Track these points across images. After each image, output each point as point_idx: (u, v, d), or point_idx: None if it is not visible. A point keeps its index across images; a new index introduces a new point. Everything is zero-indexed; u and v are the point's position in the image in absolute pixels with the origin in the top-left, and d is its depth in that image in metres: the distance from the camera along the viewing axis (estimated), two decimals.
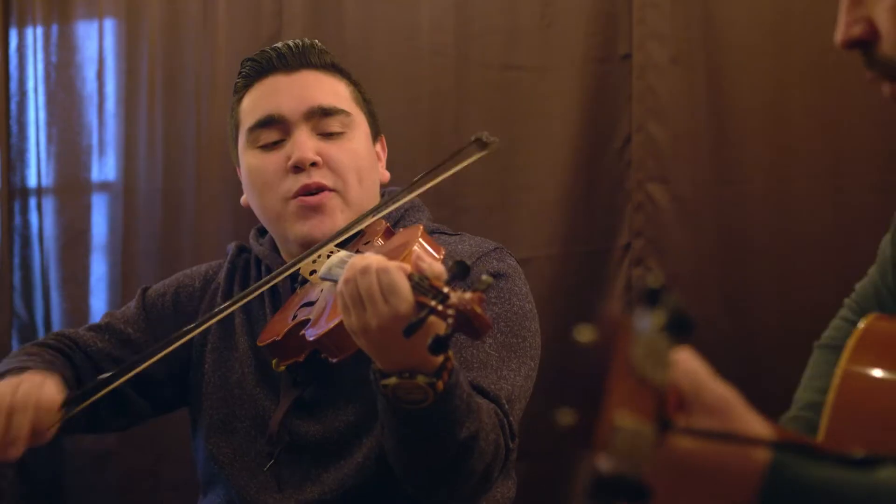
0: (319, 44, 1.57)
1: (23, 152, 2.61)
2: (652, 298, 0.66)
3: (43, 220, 2.60)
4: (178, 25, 2.51)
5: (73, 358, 1.54)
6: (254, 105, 1.54)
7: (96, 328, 1.60)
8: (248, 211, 1.61)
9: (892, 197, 2.00)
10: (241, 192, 1.62)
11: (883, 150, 1.99)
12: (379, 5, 2.36)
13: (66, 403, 1.35)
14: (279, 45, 1.56)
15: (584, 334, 0.66)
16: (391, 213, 1.50)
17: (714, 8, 2.12)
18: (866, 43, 0.83)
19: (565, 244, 2.21)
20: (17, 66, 2.62)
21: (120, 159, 2.55)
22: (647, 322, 0.66)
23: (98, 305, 2.57)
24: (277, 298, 1.53)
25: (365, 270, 1.14)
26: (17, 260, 2.61)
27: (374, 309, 1.13)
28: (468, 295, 1.05)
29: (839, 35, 0.85)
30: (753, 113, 2.10)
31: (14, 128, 2.61)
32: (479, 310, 1.04)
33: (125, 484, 2.48)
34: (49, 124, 2.60)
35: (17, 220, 2.61)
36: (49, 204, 2.61)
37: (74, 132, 2.59)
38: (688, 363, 0.72)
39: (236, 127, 1.58)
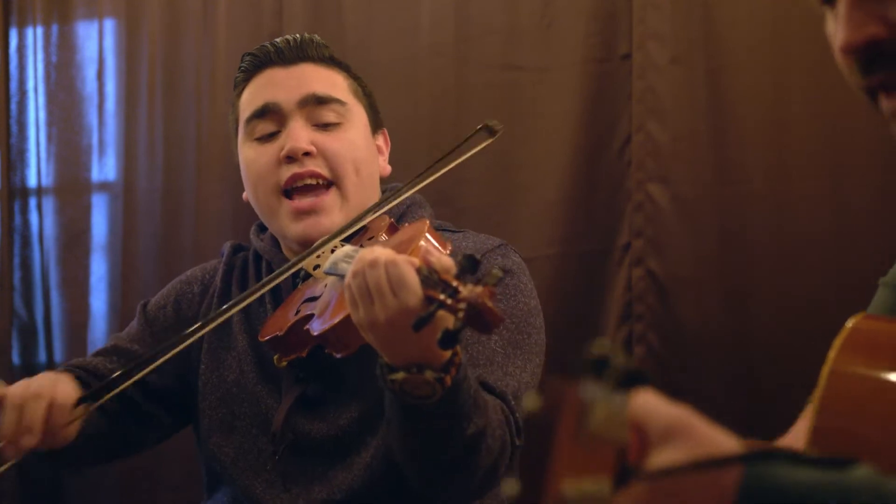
0: (318, 38, 1.57)
1: (23, 152, 2.61)
2: (597, 367, 0.65)
3: (43, 220, 2.60)
4: (178, 25, 2.50)
5: (87, 382, 1.51)
6: (251, 97, 1.55)
7: (103, 352, 1.59)
8: (248, 210, 1.61)
9: (892, 197, 2.00)
10: (241, 192, 1.62)
11: (883, 150, 1.99)
12: (379, 5, 2.36)
13: (82, 400, 1.34)
14: (278, 39, 1.56)
15: (531, 402, 0.65)
16: (393, 208, 1.48)
17: (714, 8, 2.12)
18: (876, 43, 0.77)
19: (565, 244, 2.21)
20: (17, 66, 2.62)
21: (120, 159, 2.54)
22: (597, 391, 0.64)
23: (98, 305, 2.57)
24: (278, 294, 1.51)
25: (374, 264, 1.13)
26: (17, 260, 2.60)
27: (382, 302, 1.12)
28: (479, 289, 1.04)
29: (848, 35, 0.78)
30: (753, 113, 2.09)
31: (14, 128, 2.61)
32: (490, 303, 1.02)
33: (125, 484, 2.48)
34: (49, 124, 2.60)
35: (17, 220, 2.61)
36: (49, 204, 2.61)
37: (74, 132, 2.59)
38: (638, 400, 0.69)
39: (236, 121, 1.58)
